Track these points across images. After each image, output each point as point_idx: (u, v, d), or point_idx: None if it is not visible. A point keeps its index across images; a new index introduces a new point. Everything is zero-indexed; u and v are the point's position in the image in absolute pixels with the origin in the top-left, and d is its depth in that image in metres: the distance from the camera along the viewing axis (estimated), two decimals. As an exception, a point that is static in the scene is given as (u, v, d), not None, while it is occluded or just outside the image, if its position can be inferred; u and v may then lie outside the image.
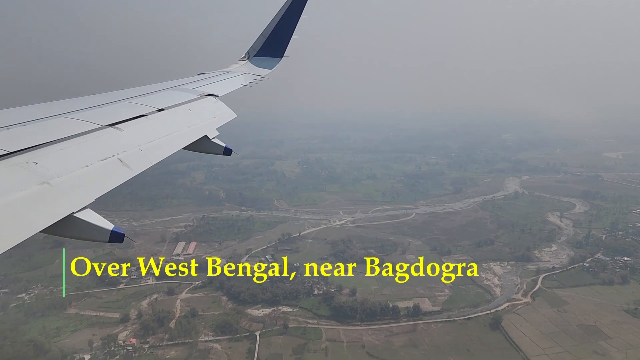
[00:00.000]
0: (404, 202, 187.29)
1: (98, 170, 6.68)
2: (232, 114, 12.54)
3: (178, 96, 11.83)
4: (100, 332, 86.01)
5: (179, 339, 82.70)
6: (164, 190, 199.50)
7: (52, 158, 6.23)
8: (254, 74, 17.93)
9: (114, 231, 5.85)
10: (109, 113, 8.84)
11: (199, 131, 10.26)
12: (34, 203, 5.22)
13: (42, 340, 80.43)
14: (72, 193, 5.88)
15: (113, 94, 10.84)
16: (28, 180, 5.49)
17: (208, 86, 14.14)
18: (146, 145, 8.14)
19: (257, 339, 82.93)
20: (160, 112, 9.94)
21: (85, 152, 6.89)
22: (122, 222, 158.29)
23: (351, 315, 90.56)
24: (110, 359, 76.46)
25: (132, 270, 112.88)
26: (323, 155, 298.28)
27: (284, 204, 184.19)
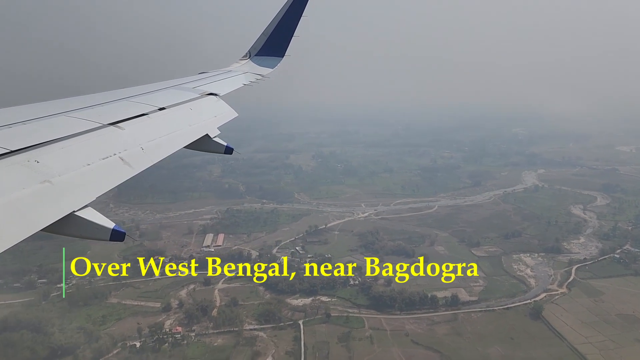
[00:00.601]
0: (424, 195, 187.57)
1: (99, 169, 6.66)
2: (234, 113, 12.49)
3: (179, 95, 11.76)
4: (144, 320, 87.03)
5: (223, 327, 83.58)
6: (183, 184, 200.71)
7: (53, 157, 6.20)
8: (255, 73, 17.93)
9: (115, 230, 5.82)
10: (110, 112, 8.79)
11: (200, 130, 10.23)
12: (35, 201, 5.20)
13: (90, 327, 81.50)
14: (74, 192, 5.86)
15: (114, 92, 10.77)
16: (29, 178, 5.46)
17: (209, 85, 14.10)
18: (147, 144, 8.11)
19: (301, 327, 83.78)
20: (161, 111, 9.88)
21: (86, 150, 6.88)
22: (145, 215, 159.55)
23: (390, 305, 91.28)
24: (160, 346, 77.33)
25: (165, 262, 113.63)
26: (336, 149, 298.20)
27: (305, 196, 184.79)
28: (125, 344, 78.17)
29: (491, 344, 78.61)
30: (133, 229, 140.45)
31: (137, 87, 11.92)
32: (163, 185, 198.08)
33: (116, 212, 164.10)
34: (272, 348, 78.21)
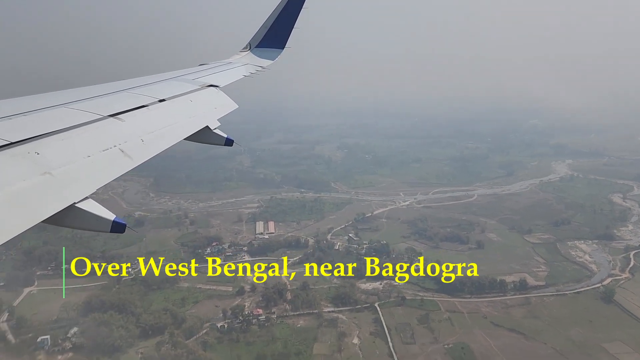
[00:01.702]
0: (459, 184, 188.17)
1: (99, 160, 6.65)
2: (234, 105, 12.40)
3: (179, 87, 11.72)
4: (221, 303, 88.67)
5: (302, 310, 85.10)
6: (217, 174, 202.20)
7: (53, 148, 6.20)
8: (256, 65, 17.83)
9: (116, 221, 5.81)
10: (110, 103, 8.76)
11: (200, 122, 10.17)
12: (36, 193, 5.21)
13: (173, 309, 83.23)
14: (74, 183, 5.84)
15: (114, 84, 10.72)
16: (30, 170, 5.46)
17: (209, 77, 14.02)
18: (147, 135, 8.09)
19: (377, 310, 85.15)
20: (161, 103, 9.85)
21: (86, 142, 6.89)
22: (189, 204, 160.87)
23: (460, 288, 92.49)
24: (247, 326, 78.95)
25: (224, 248, 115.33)
26: (360, 141, 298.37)
27: (342, 186, 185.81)
28: (214, 324, 79.87)
29: (570, 327, 79.72)
30: (182, 217, 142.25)
31: (137, 79, 11.79)
32: (198, 175, 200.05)
33: (158, 201, 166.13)
34: (355, 329, 79.69)
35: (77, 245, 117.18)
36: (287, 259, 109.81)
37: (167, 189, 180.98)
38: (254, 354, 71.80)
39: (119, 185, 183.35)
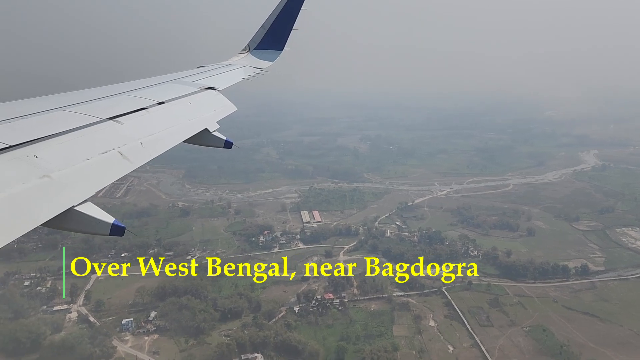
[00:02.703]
0: (491, 174, 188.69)
1: (98, 163, 6.60)
2: (233, 107, 12.28)
3: (178, 89, 11.69)
4: (289, 289, 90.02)
5: (371, 294, 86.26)
6: (248, 166, 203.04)
7: (52, 151, 6.17)
8: (255, 67, 17.70)
9: (115, 224, 5.76)
10: (109, 106, 8.74)
11: (199, 124, 10.13)
12: (35, 196, 5.19)
13: (249, 294, 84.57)
14: (73, 186, 5.81)
15: (113, 87, 10.67)
16: (29, 173, 5.44)
17: (208, 79, 13.96)
18: (146, 138, 8.05)
19: (446, 294, 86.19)
20: (160, 105, 9.82)
21: (85, 145, 6.85)
22: (227, 195, 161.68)
23: (523, 274, 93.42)
24: (323, 310, 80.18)
25: (277, 237, 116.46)
26: (381, 132, 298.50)
27: (375, 176, 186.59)
28: (291, 308, 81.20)
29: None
30: (225, 207, 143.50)
31: (136, 82, 11.71)
32: (229, 167, 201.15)
33: (196, 192, 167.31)
34: (428, 312, 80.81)
35: (129, 235, 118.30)
36: (342, 246, 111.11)
37: (202, 180, 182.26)
38: (337, 335, 73.09)
39: (152, 177, 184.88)
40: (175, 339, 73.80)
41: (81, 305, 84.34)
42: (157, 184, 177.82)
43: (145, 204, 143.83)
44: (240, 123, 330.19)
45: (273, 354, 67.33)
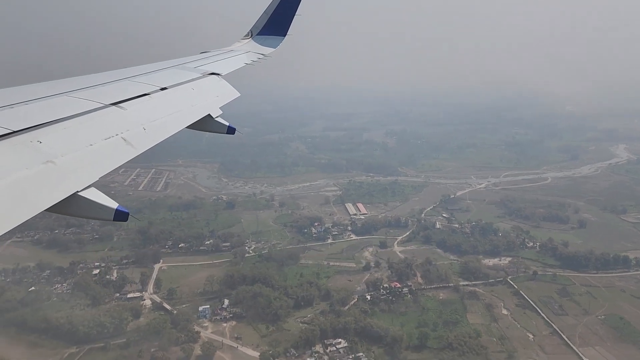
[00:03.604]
0: (526, 167, 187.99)
1: (102, 149, 6.64)
2: (236, 93, 12.25)
3: (181, 75, 11.66)
4: (353, 278, 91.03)
5: (436, 283, 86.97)
6: (281, 160, 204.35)
7: (56, 137, 6.19)
8: (257, 53, 17.64)
9: (119, 210, 5.77)
10: (112, 92, 8.73)
11: (202, 110, 10.11)
12: (39, 182, 5.21)
13: (318, 282, 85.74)
14: (77, 172, 5.84)
15: (116, 72, 10.61)
16: (33, 159, 5.46)
17: (211, 65, 13.91)
18: (150, 124, 8.07)
19: (512, 284, 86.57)
20: (163, 91, 9.82)
21: (89, 131, 6.86)
22: (265, 188, 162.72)
23: (584, 264, 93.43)
24: (394, 298, 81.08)
25: (329, 228, 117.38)
26: (405, 127, 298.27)
27: (409, 170, 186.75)
28: (362, 295, 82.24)
29: None
30: (269, 199, 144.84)
31: (139, 67, 11.66)
32: (263, 161, 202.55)
33: (234, 185, 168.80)
34: (498, 301, 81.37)
35: (182, 226, 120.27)
36: (394, 237, 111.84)
37: (238, 173, 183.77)
38: (414, 322, 73.95)
39: (187, 171, 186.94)
40: (253, 326, 75.15)
41: (152, 294, 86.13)
42: (194, 177, 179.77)
43: (189, 197, 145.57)
44: (263, 119, 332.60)
45: (356, 340, 68.27)
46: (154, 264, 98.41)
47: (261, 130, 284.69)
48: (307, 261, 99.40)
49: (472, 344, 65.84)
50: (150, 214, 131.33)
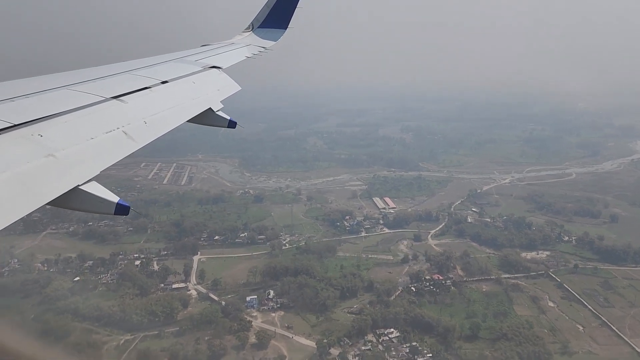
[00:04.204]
0: (548, 163, 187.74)
1: (103, 142, 6.64)
2: (237, 86, 12.23)
3: (182, 68, 11.65)
4: (392, 270, 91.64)
5: (478, 276, 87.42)
6: (300, 154, 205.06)
7: (56, 130, 6.17)
8: (258, 46, 17.56)
9: (120, 204, 5.78)
10: (113, 85, 8.71)
11: (203, 104, 10.11)
12: (40, 175, 5.20)
13: (361, 273, 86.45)
14: (78, 165, 5.84)
15: (116, 66, 10.59)
16: (34, 152, 5.45)
17: (212, 58, 13.86)
18: (150, 117, 8.06)
19: (554, 277, 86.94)
20: (164, 85, 9.81)
21: (89, 124, 6.86)
22: (289, 182, 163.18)
23: (623, 258, 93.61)
24: (439, 290, 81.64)
25: (361, 221, 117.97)
26: (420, 123, 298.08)
27: (430, 165, 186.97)
28: (407, 287, 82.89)
29: None
30: (296, 193, 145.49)
31: (140, 60, 11.65)
32: (283, 156, 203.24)
33: (258, 180, 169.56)
34: (542, 294, 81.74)
35: (213, 219, 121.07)
36: (427, 230, 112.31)
37: (260, 168, 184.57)
38: (462, 314, 74.52)
39: (208, 166, 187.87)
40: (301, 315, 75.93)
41: (196, 284, 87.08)
42: (216, 172, 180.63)
43: (217, 191, 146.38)
44: (276, 114, 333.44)
45: (409, 329, 68.91)
46: (192, 255, 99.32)
47: (276, 125, 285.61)
48: (343, 254, 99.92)
49: (527, 334, 66.35)
50: (180, 207, 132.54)
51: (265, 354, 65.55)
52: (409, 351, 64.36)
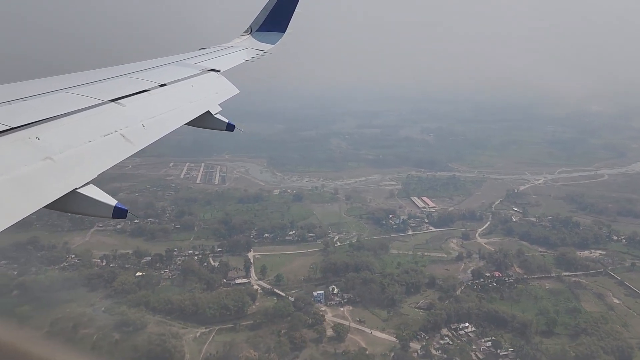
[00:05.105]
0: (577, 164, 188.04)
1: (101, 145, 6.62)
2: (235, 90, 12.26)
3: (180, 71, 11.64)
4: (449, 267, 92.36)
5: (538, 274, 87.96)
6: (327, 155, 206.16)
7: (54, 133, 6.15)
8: (257, 49, 17.56)
9: (117, 207, 5.75)
10: (111, 88, 8.70)
11: (201, 107, 10.11)
12: (38, 178, 5.19)
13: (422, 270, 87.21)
14: (75, 169, 5.83)
15: (114, 69, 10.59)
16: (31, 155, 5.44)
17: (210, 61, 13.89)
18: (148, 120, 8.05)
19: (613, 275, 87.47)
20: (162, 88, 9.81)
21: (87, 127, 6.84)
22: (322, 182, 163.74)
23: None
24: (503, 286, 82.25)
25: (406, 220, 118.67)
26: (439, 125, 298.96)
27: (459, 165, 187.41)
28: (471, 283, 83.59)
29: None
30: (333, 193, 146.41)
31: (138, 63, 11.67)
32: (310, 156, 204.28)
33: (290, 179, 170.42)
34: (605, 291, 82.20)
35: (258, 217, 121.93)
36: (474, 229, 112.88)
37: (291, 168, 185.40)
38: (532, 310, 75.10)
39: (237, 166, 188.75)
40: (370, 310, 76.67)
41: (257, 280, 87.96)
42: (246, 171, 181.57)
43: (255, 190, 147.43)
44: (292, 115, 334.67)
45: (484, 324, 69.54)
46: (246, 252, 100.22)
47: (295, 127, 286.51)
48: (396, 251, 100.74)
49: (605, 329, 66.90)
50: (221, 205, 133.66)
51: (345, 347, 66.22)
52: (491, 345, 64.94)
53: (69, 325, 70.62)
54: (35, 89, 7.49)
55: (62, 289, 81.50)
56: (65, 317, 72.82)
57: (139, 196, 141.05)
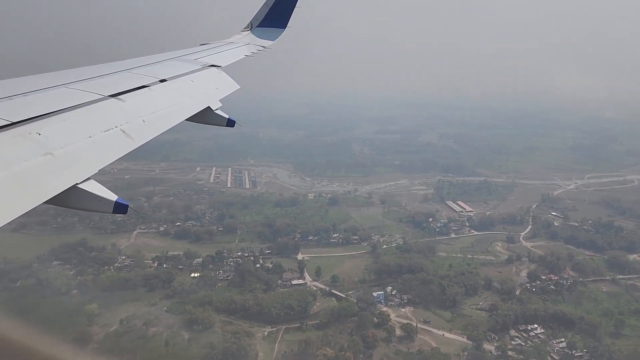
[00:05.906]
0: (604, 170, 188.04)
1: (101, 141, 6.62)
2: (235, 85, 12.30)
3: (180, 67, 11.68)
4: (501, 269, 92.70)
5: (593, 276, 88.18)
6: (353, 160, 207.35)
7: (55, 129, 6.16)
8: (257, 45, 17.65)
9: (118, 202, 5.78)
10: (111, 84, 8.70)
11: (201, 102, 10.12)
12: (38, 174, 5.19)
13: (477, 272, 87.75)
14: (76, 164, 5.84)
15: (114, 64, 10.56)
16: (32, 151, 5.43)
17: (210, 57, 13.95)
18: (149, 116, 8.06)
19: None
20: (162, 83, 9.80)
21: (87, 122, 6.84)
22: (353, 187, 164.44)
23: None
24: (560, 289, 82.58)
25: (447, 223, 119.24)
26: (458, 131, 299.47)
27: (487, 171, 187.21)
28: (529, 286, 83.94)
29: None
30: (367, 197, 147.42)
31: (138, 59, 11.64)
32: (337, 161, 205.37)
33: (320, 184, 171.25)
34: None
35: (299, 220, 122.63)
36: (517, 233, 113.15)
37: (319, 173, 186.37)
38: (596, 311, 75.34)
39: (264, 171, 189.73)
40: (431, 311, 77.14)
41: (313, 281, 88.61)
42: (274, 176, 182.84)
43: (289, 194, 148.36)
44: (311, 121, 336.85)
45: (554, 325, 69.84)
46: (295, 254, 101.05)
47: (314, 132, 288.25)
48: (444, 254, 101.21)
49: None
50: (258, 209, 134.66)
51: (416, 346, 66.69)
52: (565, 346, 65.20)
53: (138, 323, 71.80)
54: (35, 85, 7.47)
55: (122, 289, 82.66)
56: (131, 315, 74.09)
57: (174, 199, 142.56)
